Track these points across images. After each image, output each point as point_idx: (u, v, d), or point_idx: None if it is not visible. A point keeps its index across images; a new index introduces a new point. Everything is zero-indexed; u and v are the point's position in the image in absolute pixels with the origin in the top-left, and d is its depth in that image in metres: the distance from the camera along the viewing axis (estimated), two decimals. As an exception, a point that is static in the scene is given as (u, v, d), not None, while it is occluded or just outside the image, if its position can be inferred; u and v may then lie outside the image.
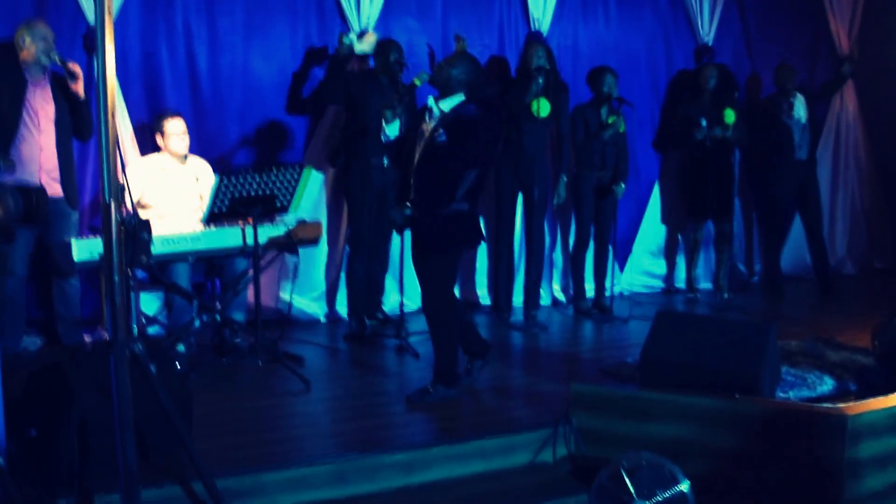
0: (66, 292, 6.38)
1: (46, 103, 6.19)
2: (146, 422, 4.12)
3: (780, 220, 8.94)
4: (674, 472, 4.57)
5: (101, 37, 3.51)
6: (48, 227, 6.17)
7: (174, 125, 6.53)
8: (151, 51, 7.02)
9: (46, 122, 6.16)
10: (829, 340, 6.72)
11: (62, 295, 6.39)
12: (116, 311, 3.62)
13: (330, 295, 7.75)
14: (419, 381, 6.02)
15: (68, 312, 6.40)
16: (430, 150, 5.37)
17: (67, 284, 6.36)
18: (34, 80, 6.16)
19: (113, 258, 3.60)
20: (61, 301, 6.38)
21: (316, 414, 5.43)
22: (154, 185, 6.55)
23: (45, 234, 6.23)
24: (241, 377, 6.09)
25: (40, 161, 6.13)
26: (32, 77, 6.16)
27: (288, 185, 6.16)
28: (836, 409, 4.69)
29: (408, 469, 4.78)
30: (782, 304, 8.64)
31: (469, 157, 5.37)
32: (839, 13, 9.70)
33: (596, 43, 8.67)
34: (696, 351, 5.17)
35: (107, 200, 3.60)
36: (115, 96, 6.47)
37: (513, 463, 5.03)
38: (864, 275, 10.06)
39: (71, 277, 6.34)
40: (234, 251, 6.24)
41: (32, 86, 6.15)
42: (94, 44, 6.22)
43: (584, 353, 6.90)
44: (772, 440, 4.73)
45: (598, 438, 5.11)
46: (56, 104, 6.21)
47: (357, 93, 7.09)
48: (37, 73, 6.17)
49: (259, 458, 4.64)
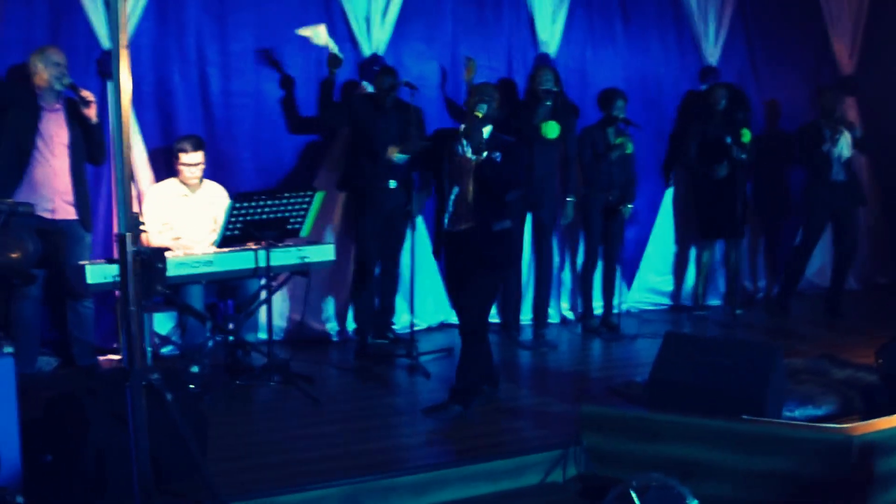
0: (80, 314, 6.45)
1: (60, 128, 6.25)
2: (161, 447, 4.19)
3: (811, 242, 8.94)
4: (682, 494, 4.62)
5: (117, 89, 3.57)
6: (62, 250, 6.25)
7: (190, 157, 6.60)
8: (164, 75, 7.11)
9: (60, 148, 6.23)
10: (834, 358, 6.77)
11: (77, 317, 6.47)
12: (132, 342, 3.69)
13: (340, 315, 7.82)
14: (430, 401, 6.11)
15: (83, 334, 6.47)
16: (488, 170, 5.56)
17: (82, 306, 6.45)
18: (48, 106, 6.24)
19: (129, 289, 3.67)
20: (76, 323, 6.45)
21: (329, 435, 5.46)
22: (171, 209, 6.64)
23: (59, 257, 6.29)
24: (254, 398, 6.16)
25: (54, 185, 6.19)
26: (46, 103, 6.23)
27: (300, 209, 6.25)
28: (842, 430, 4.74)
29: (420, 490, 4.84)
30: (788, 321, 8.71)
31: (514, 178, 5.67)
32: (841, 34, 9.82)
33: (603, 65, 8.77)
34: (704, 372, 5.23)
35: (122, 232, 3.66)
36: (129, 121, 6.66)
37: (523, 483, 5.09)
38: (867, 290, 10.18)
39: (85, 300, 6.42)
40: (247, 273, 6.30)
41: (46, 111, 6.22)
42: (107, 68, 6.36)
43: (592, 371, 6.97)
44: (778, 461, 4.78)
45: (608, 459, 5.17)
46: (70, 129, 6.28)
47: (362, 117, 7.19)
48: (50, 98, 6.24)
49: (273, 480, 4.68)
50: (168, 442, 4.14)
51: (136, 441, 3.64)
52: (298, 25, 7.31)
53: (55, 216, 6.20)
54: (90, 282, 5.65)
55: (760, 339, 7.89)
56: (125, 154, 3.72)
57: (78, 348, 6.49)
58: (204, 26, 7.23)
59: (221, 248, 6.18)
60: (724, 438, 4.93)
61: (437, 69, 8.05)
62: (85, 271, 5.63)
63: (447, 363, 7.10)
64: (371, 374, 6.87)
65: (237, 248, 6.22)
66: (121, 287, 3.71)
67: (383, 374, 6.87)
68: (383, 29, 7.69)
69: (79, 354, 6.49)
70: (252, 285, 6.58)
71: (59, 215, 6.22)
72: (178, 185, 6.70)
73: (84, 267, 5.65)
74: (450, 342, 7.71)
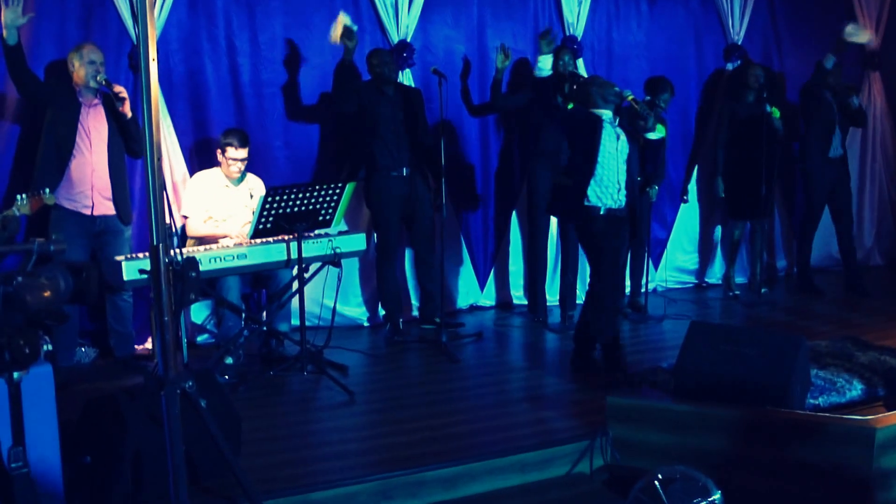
0: (119, 307, 6.56)
1: (99, 124, 6.36)
2: (196, 445, 4.32)
3: (815, 215, 8.96)
4: (707, 484, 4.70)
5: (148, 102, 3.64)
6: (102, 244, 6.40)
7: (238, 153, 6.70)
8: (195, 67, 7.19)
9: (99, 143, 6.33)
10: (857, 340, 6.81)
11: (115, 310, 6.57)
12: (167, 351, 3.79)
13: (371, 301, 7.93)
14: (460, 389, 6.23)
15: (121, 326, 6.59)
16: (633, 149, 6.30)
17: (121, 300, 6.55)
18: (87, 102, 6.34)
19: (162, 299, 3.76)
20: (114, 316, 6.57)
21: (360, 427, 5.58)
22: (213, 199, 6.77)
23: (98, 251, 6.43)
24: (288, 389, 6.26)
25: (92, 181, 6.30)
26: (85, 99, 6.33)
27: (330, 201, 6.35)
28: (865, 422, 4.79)
29: (450, 484, 4.95)
30: (811, 299, 8.75)
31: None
32: (867, 10, 9.75)
33: (628, 45, 8.79)
34: (729, 362, 5.29)
35: (154, 244, 3.74)
36: (161, 114, 6.75)
37: (551, 474, 5.20)
38: (892, 265, 10.20)
39: (124, 292, 6.52)
40: (280, 265, 6.42)
41: (85, 107, 6.32)
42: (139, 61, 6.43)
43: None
44: (802, 452, 4.85)
45: (634, 449, 5.26)
46: (109, 124, 6.38)
47: (369, 104, 7.20)
48: (88, 94, 6.35)
49: (307, 476, 4.81)
50: (203, 441, 4.23)
51: (172, 449, 3.75)
52: (326, 13, 7.42)
53: (94, 212, 6.32)
54: (127, 278, 5.76)
55: (785, 319, 7.96)
56: (156, 166, 3.78)
57: (116, 340, 6.61)
58: (233, 16, 7.29)
59: (254, 239, 6.28)
60: (748, 429, 5.01)
61: (465, 54, 8.09)
62: (122, 267, 5.74)
63: (476, 348, 7.22)
64: (401, 360, 6.98)
65: (270, 241, 6.33)
66: (154, 298, 3.80)
67: (413, 361, 6.98)
68: (411, 15, 7.73)
69: (117, 346, 6.62)
70: (285, 275, 6.69)
71: (97, 211, 6.33)
72: (221, 176, 6.82)
73: (121, 263, 5.76)
74: (479, 326, 7.83)
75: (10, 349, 2.66)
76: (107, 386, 6.09)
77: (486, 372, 6.63)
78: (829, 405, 5.46)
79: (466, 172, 8.22)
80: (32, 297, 2.66)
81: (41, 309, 2.71)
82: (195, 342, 7.26)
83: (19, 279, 2.65)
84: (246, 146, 6.73)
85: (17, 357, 2.69)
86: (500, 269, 8.48)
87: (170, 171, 7.00)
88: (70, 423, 4.51)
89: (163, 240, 3.78)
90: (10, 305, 2.62)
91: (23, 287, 2.64)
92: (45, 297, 2.69)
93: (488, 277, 8.49)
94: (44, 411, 4.03)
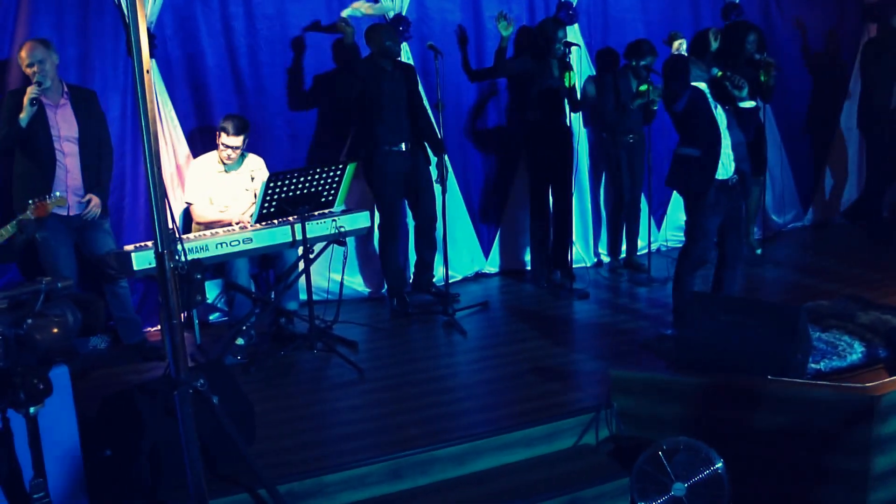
0: (118, 295, 6.54)
1: (67, 123, 6.17)
2: (211, 435, 4.45)
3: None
4: (709, 454, 4.83)
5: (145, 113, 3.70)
6: (85, 240, 6.36)
7: (230, 140, 6.73)
8: (193, 51, 7.19)
9: (69, 144, 6.16)
10: (859, 299, 6.89)
11: (115, 299, 6.55)
12: (177, 352, 3.90)
13: (376, 274, 8.00)
14: (467, 363, 6.34)
15: (124, 313, 6.59)
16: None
17: (119, 287, 6.51)
18: (53, 102, 6.14)
19: (170, 303, 3.86)
20: (115, 304, 6.56)
21: (370, 406, 5.68)
22: (212, 184, 6.84)
23: (83, 247, 6.39)
24: (298, 368, 6.37)
25: (67, 183, 6.16)
26: (51, 99, 6.12)
27: (332, 182, 6.42)
28: (865, 389, 4.89)
29: (459, 461, 5.10)
30: (813, 255, 8.84)
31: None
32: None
33: (624, 8, 8.72)
34: (730, 333, 5.38)
35: (160, 250, 3.83)
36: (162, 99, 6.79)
37: (558, 447, 5.33)
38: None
39: (120, 281, 6.48)
40: (286, 246, 6.52)
41: (51, 108, 6.13)
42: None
43: (623, 323, 7.03)
44: (802, 421, 4.95)
45: (638, 420, 5.39)
46: (78, 122, 6.19)
47: (370, 81, 7.19)
48: (53, 94, 6.13)
49: (320, 458, 4.95)
50: (218, 430, 4.35)
51: (188, 447, 3.87)
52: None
53: (70, 212, 6.19)
54: (137, 267, 5.86)
55: (792, 278, 8.03)
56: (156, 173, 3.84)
57: (122, 327, 6.63)
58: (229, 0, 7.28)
59: (259, 223, 6.38)
60: (749, 399, 5.11)
61: (460, 25, 8.08)
62: (131, 258, 5.84)
63: (484, 317, 7.30)
64: (408, 334, 7.06)
65: (275, 223, 6.42)
66: (161, 301, 3.89)
67: (420, 334, 7.06)
68: (405, -13, 7.73)
69: (124, 333, 6.63)
70: (291, 255, 6.79)
71: (73, 211, 6.21)
72: (217, 161, 6.88)
73: (130, 254, 5.86)
74: (486, 294, 7.92)
75: (24, 388, 2.76)
76: (122, 374, 6.25)
77: (492, 344, 6.71)
78: (831, 370, 5.55)
79: (466, 143, 8.26)
80: (42, 336, 2.75)
81: (52, 347, 2.81)
82: (207, 321, 7.36)
83: (29, 321, 2.75)
84: (241, 134, 6.73)
85: (32, 394, 2.80)
86: (503, 236, 8.55)
87: (173, 156, 7.07)
88: (89, 419, 4.65)
89: (167, 246, 3.87)
90: (22, 347, 2.73)
91: (33, 328, 2.74)
92: (55, 333, 2.78)
93: (493, 245, 8.57)
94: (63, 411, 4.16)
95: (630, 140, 8.14)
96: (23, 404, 2.81)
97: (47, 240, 6.12)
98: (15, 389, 2.76)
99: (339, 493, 4.82)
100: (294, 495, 4.68)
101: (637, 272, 8.32)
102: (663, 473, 4.87)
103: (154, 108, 3.82)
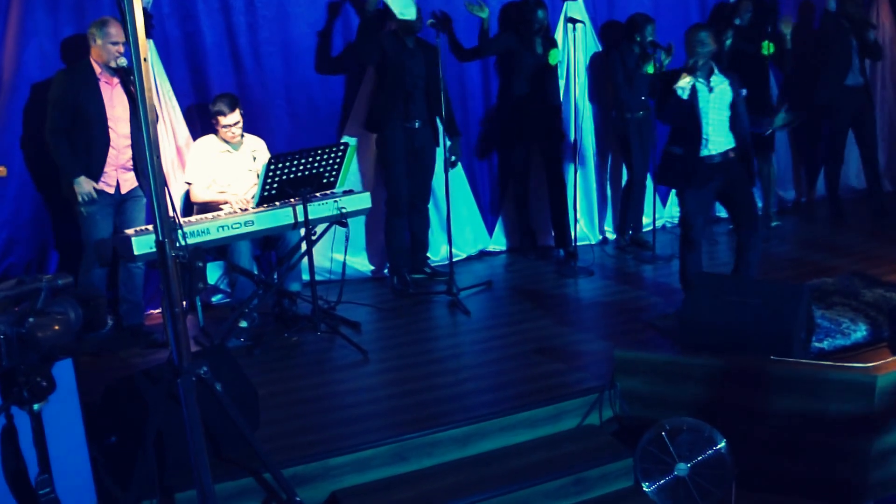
0: (132, 275, 6.52)
1: (119, 102, 6.27)
2: (216, 420, 4.46)
3: (838, 144, 9.04)
4: (712, 434, 4.85)
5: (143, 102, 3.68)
6: (123, 215, 6.42)
7: (228, 119, 6.69)
8: (191, 30, 7.12)
9: (120, 122, 6.26)
10: (864, 276, 6.86)
11: (128, 275, 6.53)
12: (180, 340, 3.90)
13: (378, 254, 7.98)
14: (470, 343, 6.33)
15: (132, 296, 6.57)
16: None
17: (134, 266, 6.49)
18: (107, 80, 6.25)
19: (172, 292, 3.85)
20: (126, 284, 6.54)
21: (374, 388, 5.69)
22: (214, 165, 6.81)
23: (120, 223, 6.42)
24: (302, 350, 6.36)
25: (116, 160, 6.27)
26: (104, 77, 6.23)
27: (334, 163, 6.40)
28: (867, 370, 4.90)
29: (463, 442, 5.12)
30: (823, 230, 8.82)
31: None
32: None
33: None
34: (733, 312, 5.37)
35: (160, 238, 3.82)
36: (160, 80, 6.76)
37: (562, 427, 5.35)
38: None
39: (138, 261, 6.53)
40: (287, 228, 6.50)
41: (106, 86, 6.25)
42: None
43: (627, 301, 7.02)
44: (805, 400, 4.96)
45: (642, 401, 5.40)
46: (130, 98, 6.29)
47: (393, 56, 7.22)
48: (107, 72, 6.22)
49: (324, 441, 4.96)
50: (222, 415, 4.37)
51: (192, 435, 3.87)
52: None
53: (121, 191, 6.34)
54: (137, 252, 5.82)
55: (798, 254, 8.00)
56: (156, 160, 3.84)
57: (125, 307, 6.59)
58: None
59: (261, 205, 6.36)
60: (753, 379, 5.12)
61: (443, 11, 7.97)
62: (131, 242, 5.81)
63: (488, 297, 7.30)
64: (411, 314, 7.03)
65: (276, 205, 6.40)
66: (163, 290, 3.89)
67: (424, 314, 7.04)
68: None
69: (126, 314, 6.60)
70: (293, 236, 6.77)
71: (123, 189, 6.35)
72: (218, 142, 6.83)
73: (130, 238, 5.83)
74: (489, 273, 7.91)
75: (27, 387, 2.77)
76: (127, 357, 6.27)
77: (495, 324, 6.70)
78: (834, 348, 5.52)
79: (470, 119, 8.22)
80: (44, 334, 2.75)
81: (54, 345, 2.81)
82: (210, 303, 7.35)
83: (31, 320, 2.74)
84: (236, 108, 6.70)
85: (36, 392, 2.81)
86: (507, 214, 8.53)
87: (173, 136, 7.03)
88: (93, 406, 4.65)
89: (168, 235, 3.86)
90: (24, 346, 2.73)
91: (35, 327, 2.74)
92: (56, 330, 2.78)
93: (496, 223, 8.55)
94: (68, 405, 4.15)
95: (639, 116, 8.10)
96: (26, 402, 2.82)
97: (93, 215, 6.21)
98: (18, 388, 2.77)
99: (343, 475, 4.84)
100: (299, 478, 4.70)
101: (642, 249, 8.30)
102: (667, 453, 4.88)
103: (153, 95, 3.81)
